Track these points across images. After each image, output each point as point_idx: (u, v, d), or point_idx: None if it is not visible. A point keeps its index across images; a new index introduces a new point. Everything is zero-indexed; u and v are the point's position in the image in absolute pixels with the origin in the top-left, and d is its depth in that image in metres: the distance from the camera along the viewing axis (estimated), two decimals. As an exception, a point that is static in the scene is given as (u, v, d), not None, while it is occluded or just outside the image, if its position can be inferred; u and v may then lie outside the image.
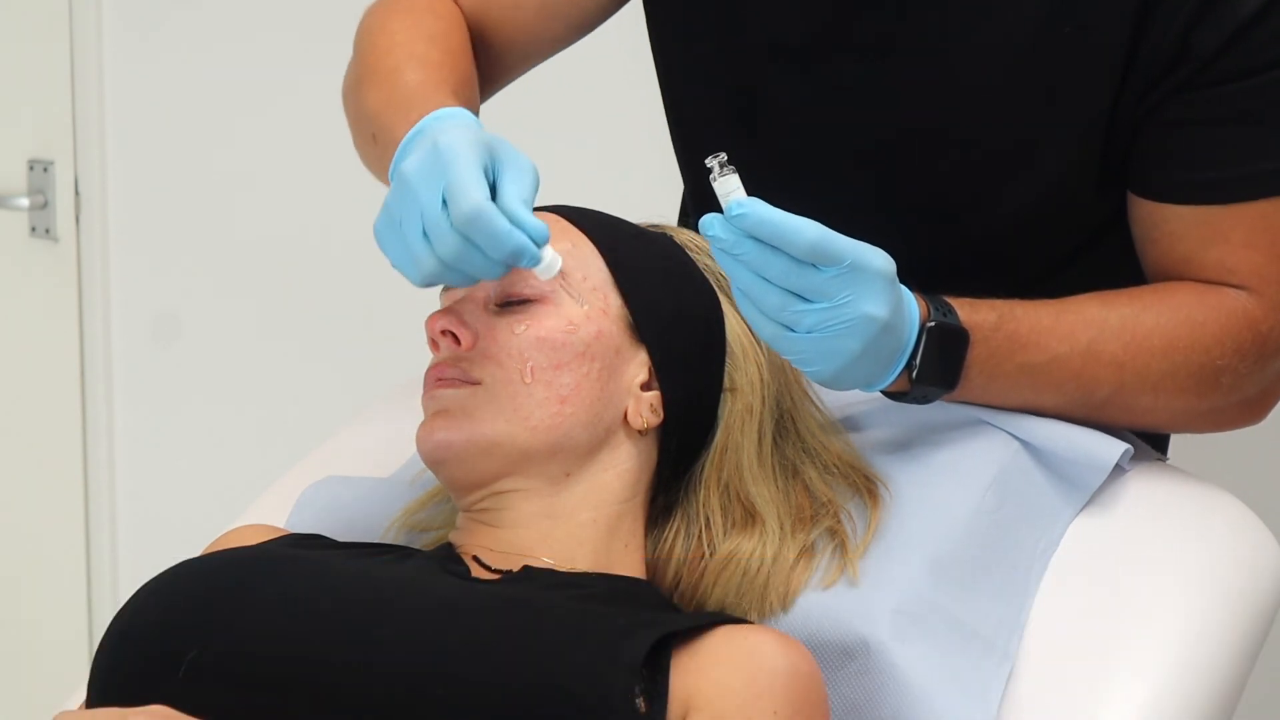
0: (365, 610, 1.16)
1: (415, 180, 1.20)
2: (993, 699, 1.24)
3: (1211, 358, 1.34)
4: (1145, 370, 1.33)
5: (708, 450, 1.30)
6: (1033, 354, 1.32)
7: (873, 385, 1.28)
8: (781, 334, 1.20)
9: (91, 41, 2.72)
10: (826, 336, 1.20)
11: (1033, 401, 1.34)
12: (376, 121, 1.38)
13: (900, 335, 1.25)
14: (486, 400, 1.24)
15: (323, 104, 2.62)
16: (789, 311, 1.19)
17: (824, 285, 1.18)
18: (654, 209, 1.42)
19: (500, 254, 1.18)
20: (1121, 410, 1.35)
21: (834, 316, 1.19)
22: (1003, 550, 1.31)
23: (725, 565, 1.26)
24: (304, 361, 2.69)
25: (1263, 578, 1.35)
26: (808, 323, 1.19)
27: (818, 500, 1.30)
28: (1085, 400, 1.34)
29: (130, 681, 1.16)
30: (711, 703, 1.12)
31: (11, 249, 2.81)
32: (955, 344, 1.29)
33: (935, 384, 1.30)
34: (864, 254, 1.19)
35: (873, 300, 1.20)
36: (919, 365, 1.27)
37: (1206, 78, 1.32)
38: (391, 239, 1.23)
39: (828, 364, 1.22)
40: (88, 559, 2.86)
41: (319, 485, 1.47)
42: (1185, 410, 1.36)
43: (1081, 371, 1.33)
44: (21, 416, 2.88)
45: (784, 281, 1.18)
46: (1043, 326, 1.32)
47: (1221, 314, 1.34)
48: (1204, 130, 1.33)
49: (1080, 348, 1.32)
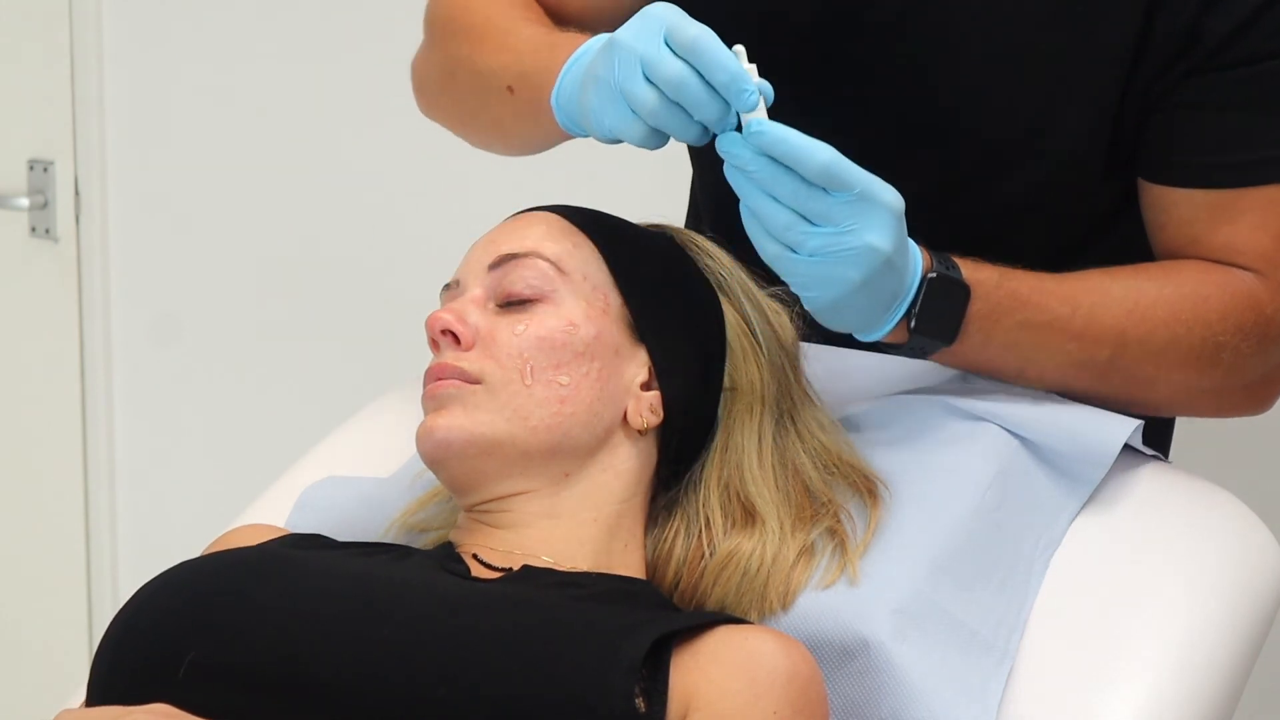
0: (365, 610, 1.16)
1: (630, 37, 1.22)
2: (992, 698, 1.24)
3: (1214, 332, 1.34)
4: (1147, 339, 1.33)
5: (708, 450, 1.30)
6: (1033, 313, 1.32)
7: (870, 330, 1.28)
8: (784, 254, 1.22)
9: (91, 41, 2.72)
10: (828, 262, 1.21)
11: (1032, 365, 1.34)
12: (512, 71, 1.38)
13: (902, 279, 1.26)
14: (486, 400, 1.24)
15: (323, 104, 2.63)
16: (794, 232, 1.20)
17: (831, 210, 1.20)
18: (654, 209, 1.42)
19: (723, 76, 1.19)
20: (1123, 379, 1.35)
21: (838, 242, 1.21)
22: (1002, 549, 1.31)
23: (725, 565, 1.26)
24: (304, 362, 2.69)
25: (1263, 578, 1.35)
26: (811, 245, 1.21)
27: (818, 500, 1.30)
28: (1086, 365, 1.34)
29: (131, 681, 1.16)
30: (711, 703, 1.12)
31: (11, 249, 2.81)
32: (956, 296, 1.30)
33: (934, 336, 1.30)
34: (874, 185, 1.21)
35: (878, 232, 1.21)
36: (918, 314, 1.28)
37: (1217, 63, 1.32)
38: (605, 100, 1.24)
39: (826, 291, 1.23)
40: (88, 559, 2.86)
41: (319, 485, 1.47)
42: (1186, 385, 1.36)
43: (1082, 334, 1.33)
44: (21, 416, 2.88)
45: (792, 202, 1.19)
46: (1045, 289, 1.33)
47: (1226, 291, 1.35)
48: (1214, 115, 1.34)
49: (1082, 311, 1.33)
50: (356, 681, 1.12)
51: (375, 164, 2.58)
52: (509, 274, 1.27)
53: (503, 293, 1.27)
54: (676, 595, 1.28)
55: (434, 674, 1.12)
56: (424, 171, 2.52)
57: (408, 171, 2.55)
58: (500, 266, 1.28)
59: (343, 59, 2.60)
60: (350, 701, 1.12)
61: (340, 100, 2.60)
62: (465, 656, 1.12)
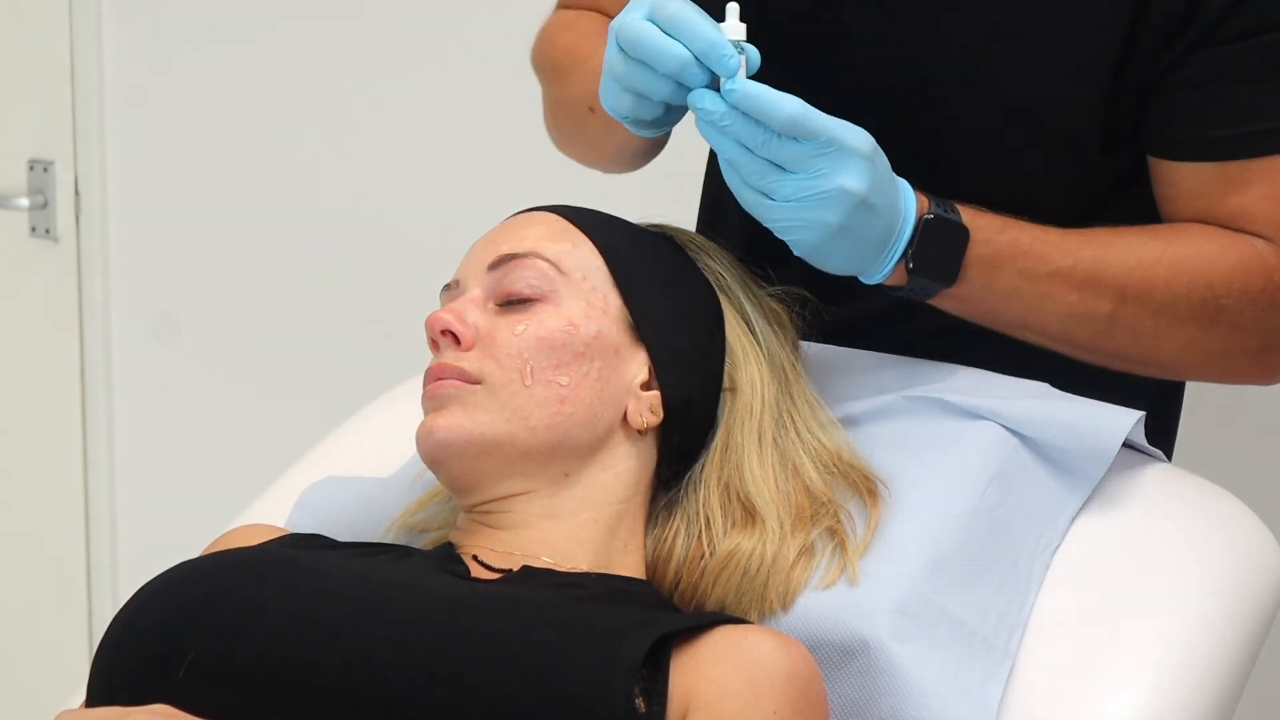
0: (365, 610, 1.16)
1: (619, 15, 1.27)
2: (992, 698, 1.24)
3: (1216, 294, 1.35)
4: (1146, 296, 1.34)
5: (708, 450, 1.30)
6: (1034, 263, 1.33)
7: (868, 273, 1.31)
8: (761, 200, 1.25)
9: (91, 41, 2.71)
10: (803, 205, 1.24)
11: (1034, 315, 1.35)
12: (590, 91, 1.42)
13: (889, 221, 1.28)
14: (486, 400, 1.24)
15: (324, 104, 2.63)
16: (768, 180, 1.24)
17: (800, 157, 1.23)
18: (655, 209, 1.42)
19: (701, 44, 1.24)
20: (1126, 336, 1.36)
21: (810, 186, 1.24)
22: (1003, 549, 1.31)
23: (725, 565, 1.26)
24: (304, 361, 2.69)
25: (1263, 578, 1.35)
26: (785, 190, 1.24)
27: (818, 500, 1.30)
28: (1086, 320, 1.35)
29: (131, 681, 1.16)
30: (711, 703, 1.12)
31: (11, 249, 2.81)
32: (955, 238, 1.31)
33: (932, 277, 1.31)
34: (842, 131, 1.24)
35: (849, 175, 1.24)
36: (914, 255, 1.30)
37: (1219, 36, 1.32)
38: (603, 80, 1.31)
39: (806, 234, 1.25)
40: (88, 559, 2.86)
41: (319, 485, 1.47)
42: (1190, 345, 1.37)
43: (1083, 286, 1.34)
44: (21, 416, 2.88)
45: (764, 151, 1.23)
46: (1047, 239, 1.34)
47: (1232, 253, 1.35)
48: (1219, 88, 1.34)
49: (1083, 264, 1.34)
50: (356, 682, 1.12)
51: (375, 164, 2.58)
52: (509, 274, 1.27)
53: (502, 293, 1.27)
54: (676, 595, 1.28)
55: (433, 675, 1.11)
56: (424, 172, 2.52)
57: (408, 172, 2.55)
58: (500, 266, 1.28)
59: (343, 59, 2.60)
60: (350, 702, 1.12)
61: (340, 100, 2.60)
62: (465, 657, 1.12)
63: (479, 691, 1.11)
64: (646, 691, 1.12)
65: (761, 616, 1.25)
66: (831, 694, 1.22)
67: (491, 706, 1.10)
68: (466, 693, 1.11)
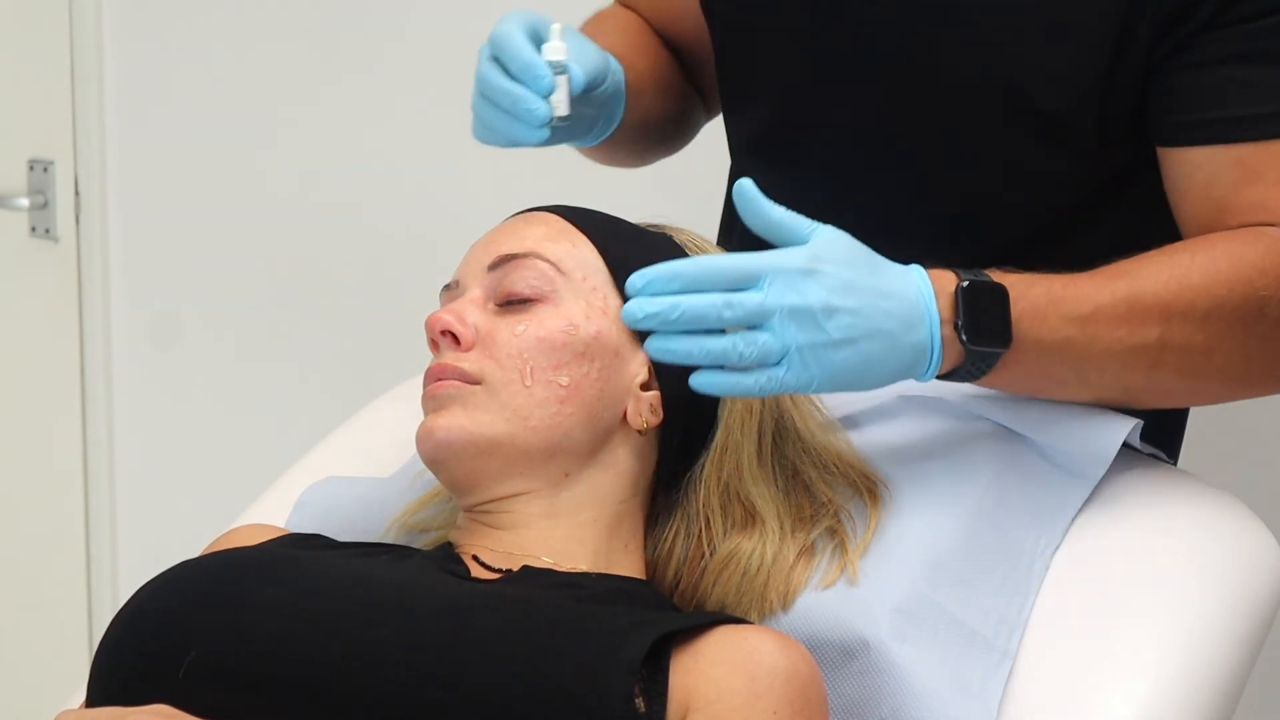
0: (365, 610, 1.16)
1: None
2: (992, 698, 1.24)
3: (1255, 288, 1.30)
4: (1190, 309, 1.29)
5: (708, 450, 1.30)
6: (1075, 305, 1.28)
7: (917, 369, 1.25)
8: (769, 378, 1.20)
9: (91, 41, 2.71)
10: (805, 354, 1.20)
11: (1091, 362, 1.30)
12: None
13: (902, 309, 1.23)
14: (486, 400, 1.24)
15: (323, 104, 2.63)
16: (748, 348, 1.18)
17: (761, 304, 1.19)
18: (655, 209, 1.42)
19: (515, 65, 1.32)
20: (1178, 357, 1.30)
21: (751, 335, 1.19)
22: (1003, 549, 1.31)
23: (725, 565, 1.26)
24: (304, 362, 2.69)
25: (1263, 578, 1.35)
26: (773, 347, 1.19)
27: (818, 500, 1.30)
28: (1140, 351, 1.29)
29: (130, 681, 1.16)
30: (711, 703, 1.12)
31: (11, 249, 2.81)
32: (995, 297, 1.27)
33: (989, 343, 1.26)
34: (748, 266, 1.20)
35: (793, 294, 1.19)
36: (964, 326, 1.25)
37: (1229, 16, 1.31)
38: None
39: (813, 371, 1.21)
40: (88, 559, 2.86)
41: (319, 485, 1.47)
42: (1241, 350, 1.32)
43: (1128, 317, 1.29)
44: (22, 417, 2.88)
45: (730, 315, 1.18)
46: (1077, 283, 1.30)
47: (1260, 246, 1.31)
48: (1230, 68, 1.32)
49: (1121, 294, 1.29)
50: (356, 682, 1.12)
51: (375, 164, 2.58)
52: (509, 274, 1.27)
53: (502, 293, 1.27)
54: (676, 595, 1.28)
55: (433, 675, 1.12)
56: (424, 172, 2.52)
57: (408, 172, 2.55)
58: (500, 267, 1.28)
59: (343, 59, 2.60)
60: (349, 702, 1.12)
61: (340, 100, 2.60)
62: (465, 657, 1.12)
63: (479, 692, 1.11)
64: (646, 691, 1.12)
65: (761, 616, 1.25)
66: (831, 694, 1.22)
67: (491, 706, 1.10)
68: (466, 693, 1.11)
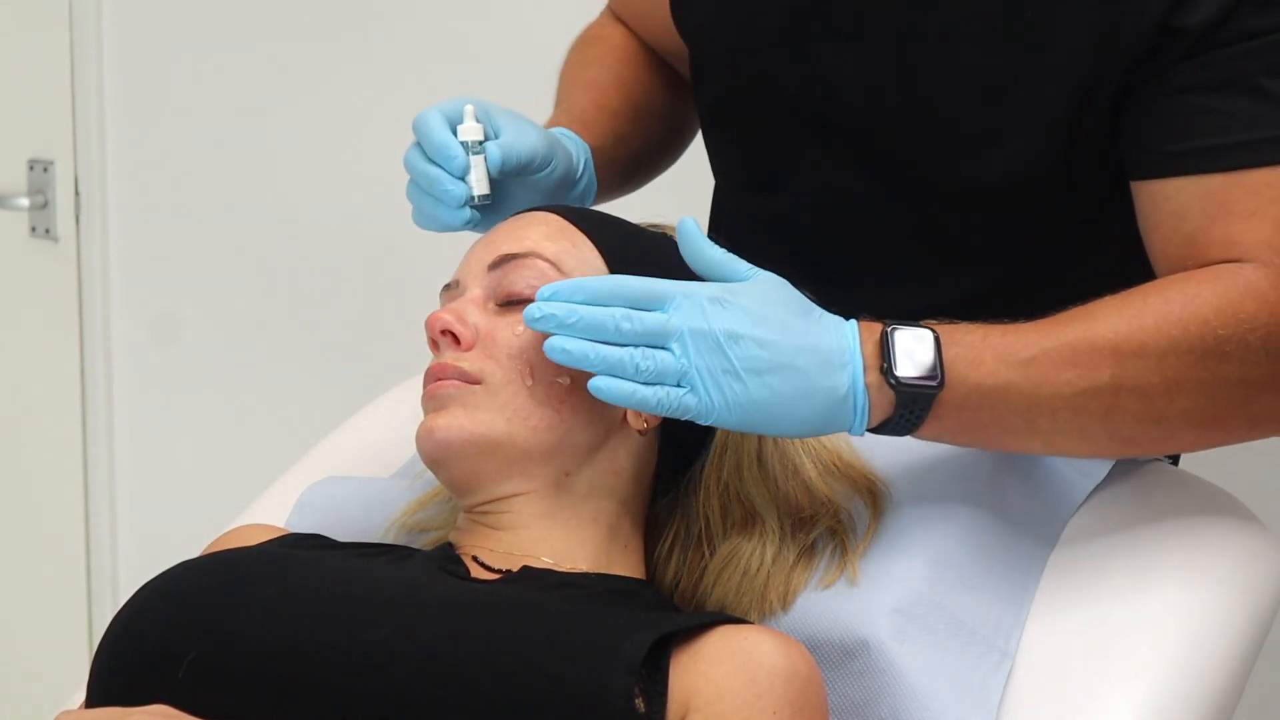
0: (365, 610, 1.16)
1: None
2: (992, 698, 1.24)
3: (1211, 327, 1.26)
4: (1143, 349, 1.25)
5: (707, 450, 1.30)
6: (1015, 349, 1.24)
7: (838, 419, 1.22)
8: (669, 396, 1.18)
9: (91, 41, 2.72)
10: (708, 377, 1.18)
11: (1039, 407, 1.25)
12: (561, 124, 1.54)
13: (820, 343, 1.21)
14: (486, 400, 1.24)
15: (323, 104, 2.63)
16: (645, 361, 1.17)
17: (664, 324, 1.18)
18: (654, 209, 1.42)
19: (429, 146, 1.38)
20: (1137, 400, 1.26)
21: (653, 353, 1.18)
22: (1002, 549, 1.31)
23: (725, 565, 1.26)
24: (304, 362, 2.69)
25: (1263, 578, 1.35)
26: (672, 366, 1.18)
27: (818, 500, 1.30)
28: (1092, 393, 1.25)
29: (130, 681, 1.16)
30: (710, 703, 1.12)
31: (11, 249, 2.81)
32: (923, 340, 1.23)
33: (917, 382, 1.22)
34: (657, 288, 1.19)
35: (699, 318, 1.18)
36: (887, 369, 1.21)
37: (1201, 46, 1.29)
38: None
39: (714, 398, 1.19)
40: (88, 559, 2.86)
41: (319, 485, 1.47)
42: (1204, 391, 1.26)
43: (1076, 359, 1.25)
44: (22, 417, 2.88)
45: (628, 327, 1.18)
46: (1019, 329, 1.26)
47: (1218, 285, 1.27)
48: (1201, 97, 1.30)
49: (1068, 338, 1.25)
50: (356, 682, 1.12)
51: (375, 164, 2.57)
52: (508, 274, 1.27)
53: (502, 293, 1.27)
54: (676, 595, 1.28)
55: (433, 675, 1.12)
56: (424, 171, 2.52)
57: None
58: (500, 266, 1.28)
59: (343, 59, 2.60)
60: (350, 702, 1.12)
61: (340, 100, 2.60)
62: (464, 658, 1.12)
63: (478, 692, 1.11)
64: (646, 691, 1.12)
65: (761, 616, 1.25)
66: (831, 694, 1.22)
67: (491, 707, 1.10)
68: (466, 693, 1.11)
